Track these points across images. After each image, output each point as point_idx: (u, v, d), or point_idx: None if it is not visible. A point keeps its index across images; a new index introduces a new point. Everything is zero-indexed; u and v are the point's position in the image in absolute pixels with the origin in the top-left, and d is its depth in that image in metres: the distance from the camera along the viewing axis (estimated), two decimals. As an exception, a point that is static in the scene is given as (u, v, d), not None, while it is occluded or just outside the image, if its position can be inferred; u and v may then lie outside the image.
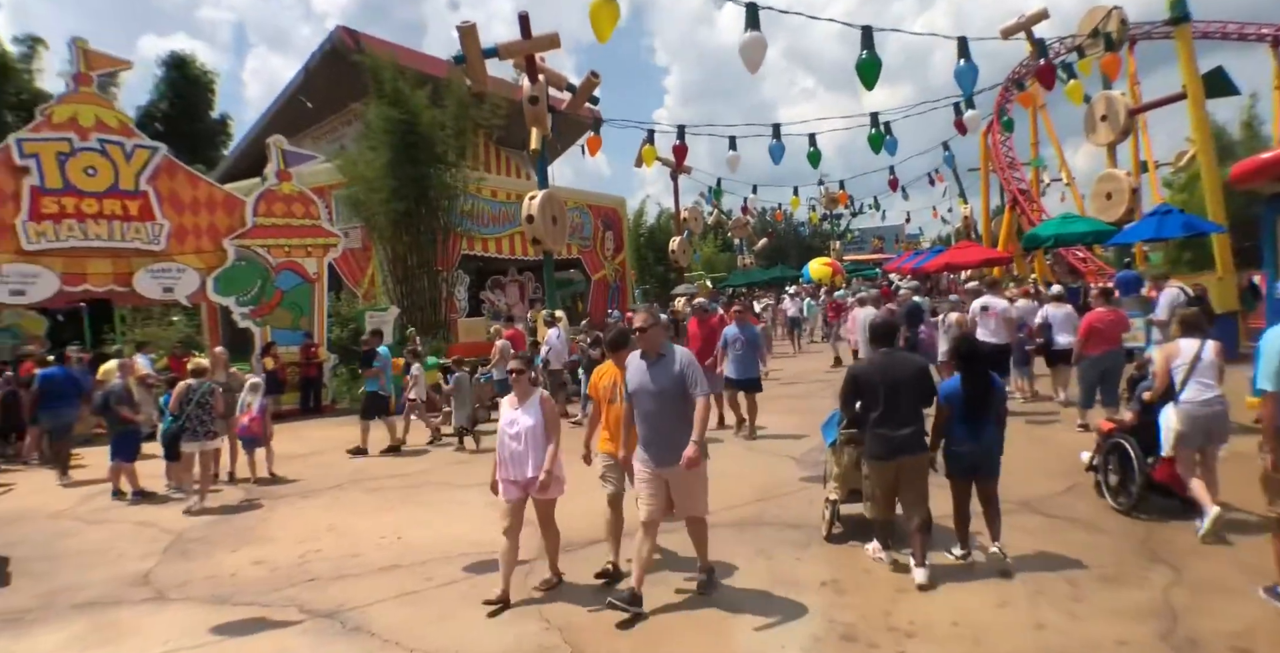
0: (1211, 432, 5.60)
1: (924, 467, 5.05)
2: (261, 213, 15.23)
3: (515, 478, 4.96)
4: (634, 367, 4.85)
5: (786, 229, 56.13)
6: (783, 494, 7.25)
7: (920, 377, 5.07)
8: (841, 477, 5.66)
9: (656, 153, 15.31)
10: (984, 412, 5.03)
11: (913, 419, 4.96)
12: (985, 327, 10.17)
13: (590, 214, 28.09)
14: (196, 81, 36.89)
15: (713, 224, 39.07)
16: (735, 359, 9.74)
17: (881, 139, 13.66)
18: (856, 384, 5.12)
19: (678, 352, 4.78)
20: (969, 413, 5.02)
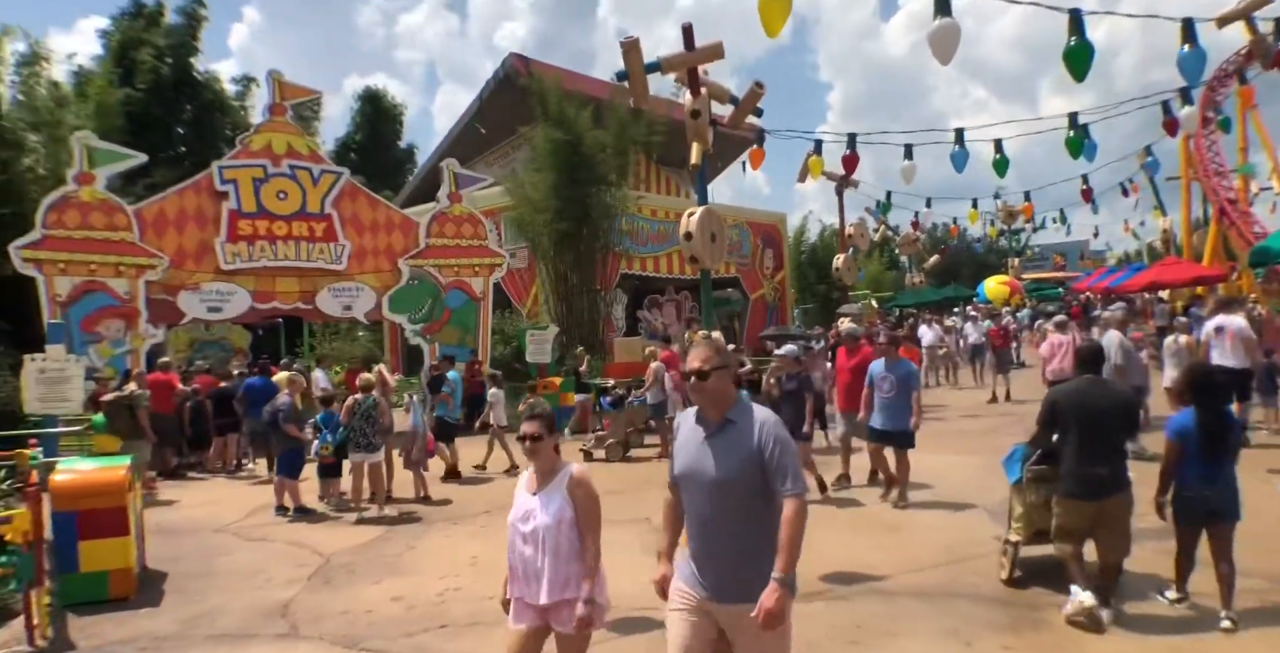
0: None
1: (1126, 508, 4.71)
2: (434, 234, 15.73)
3: (529, 599, 3.36)
4: (685, 434, 3.07)
5: (960, 246, 52.99)
6: (977, 556, 6.25)
7: (1125, 409, 4.73)
8: (1025, 517, 5.31)
9: (823, 165, 14.46)
10: (1221, 450, 4.59)
11: (1115, 456, 4.64)
12: (1220, 349, 9.40)
13: (749, 231, 27.49)
14: (387, 114, 39.48)
15: (879, 241, 37.30)
16: (882, 405, 8.00)
17: (1081, 143, 12.17)
18: (1055, 411, 4.79)
19: (757, 417, 2.93)
20: (1205, 452, 4.55)
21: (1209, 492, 4.54)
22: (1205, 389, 4.72)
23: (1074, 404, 4.73)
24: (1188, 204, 28.55)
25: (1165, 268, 17.56)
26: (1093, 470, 4.61)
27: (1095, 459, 4.62)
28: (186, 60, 31.19)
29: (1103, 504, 4.64)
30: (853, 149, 13.75)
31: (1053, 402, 4.87)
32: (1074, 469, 4.68)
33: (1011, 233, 42.68)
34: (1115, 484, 4.65)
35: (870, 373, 8.19)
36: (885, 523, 7.44)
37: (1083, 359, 5.02)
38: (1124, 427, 4.78)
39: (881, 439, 8.14)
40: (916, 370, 8.49)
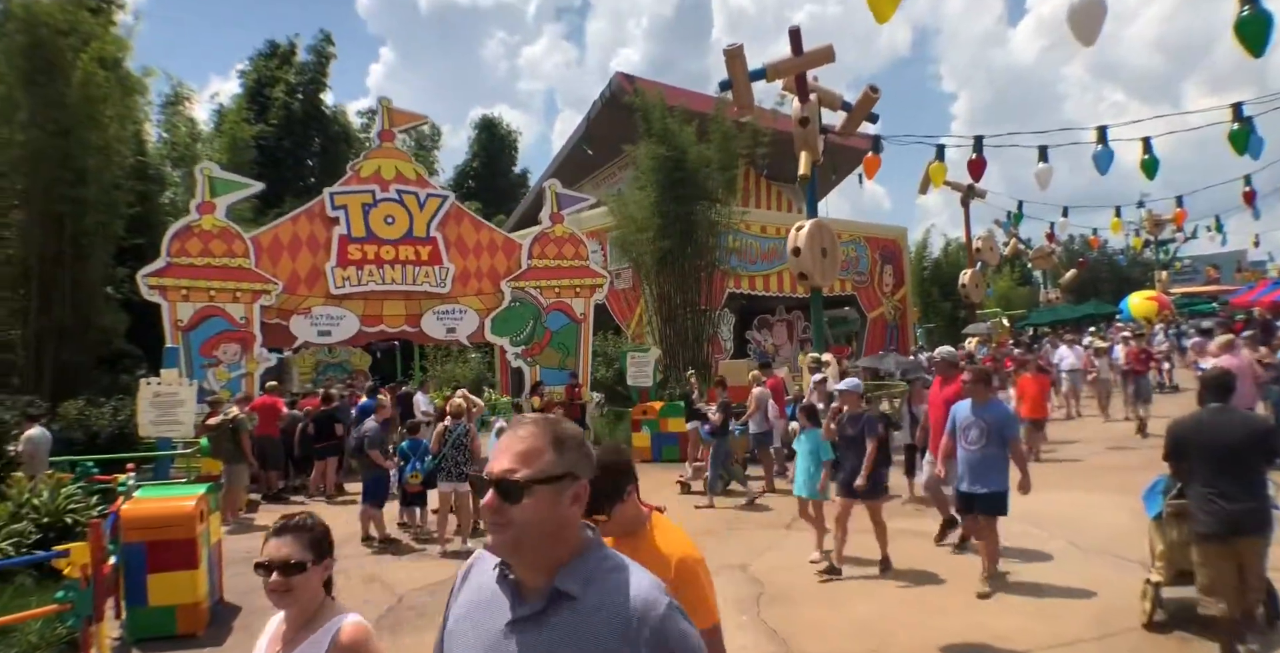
0: None
1: (1264, 548, 4.27)
2: (535, 255, 15.58)
3: None
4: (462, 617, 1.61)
5: (1100, 259, 49.34)
6: (1136, 626, 5.18)
7: (1261, 438, 4.30)
8: (1166, 555, 5.02)
9: (946, 172, 13.40)
10: None
11: (1251, 490, 4.21)
12: None
13: (867, 247, 26.26)
14: (502, 140, 40.49)
15: (1009, 254, 35.05)
16: (966, 459, 6.17)
17: (1246, 137, 10.69)
18: (1176, 445, 4.51)
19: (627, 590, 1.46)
20: None
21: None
22: None
23: (1200, 435, 4.39)
24: (1374, 207, 25.36)
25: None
26: (1228, 506, 4.20)
27: (1230, 494, 4.21)
28: (316, 96, 32.84)
29: (1239, 545, 4.24)
30: (979, 153, 12.69)
31: (1172, 436, 4.59)
32: (1204, 505, 4.30)
33: (1158, 244, 39.29)
34: (1254, 523, 4.22)
35: (952, 416, 6.38)
36: (1018, 580, 6.44)
37: (1210, 386, 4.64)
38: (1264, 455, 4.32)
39: (967, 504, 6.28)
40: (1013, 415, 6.56)
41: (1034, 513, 7.86)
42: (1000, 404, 6.46)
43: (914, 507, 9.22)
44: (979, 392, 6.23)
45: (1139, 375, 13.89)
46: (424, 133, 36.64)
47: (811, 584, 6.59)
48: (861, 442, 6.72)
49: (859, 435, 6.76)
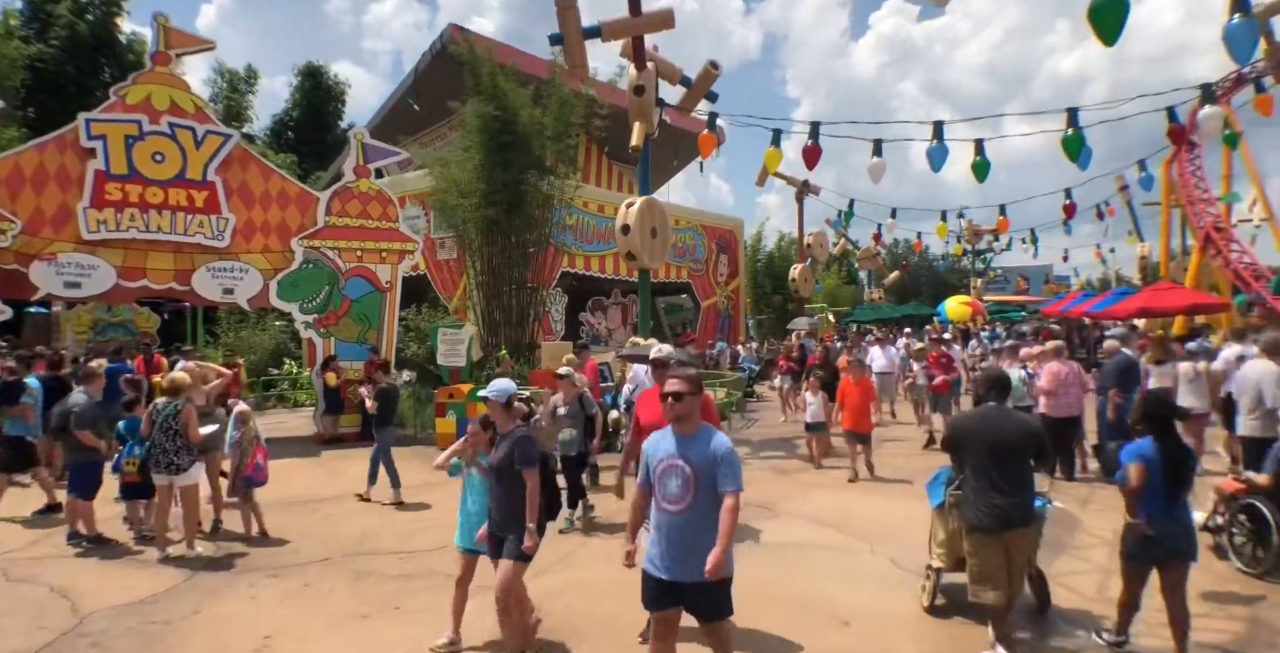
0: None
1: (1029, 542, 4.61)
2: (335, 212, 13.77)
3: None
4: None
5: (921, 263, 52.14)
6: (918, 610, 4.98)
7: (1033, 438, 4.49)
8: (947, 543, 5.15)
9: (781, 157, 12.84)
10: (1184, 483, 4.41)
11: (1021, 486, 4.43)
12: None
13: (704, 235, 25.94)
14: (328, 92, 37.21)
15: (838, 253, 36.09)
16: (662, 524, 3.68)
17: (1080, 144, 10.77)
18: (956, 440, 4.67)
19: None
20: (1168, 485, 4.33)
21: (1171, 528, 4.32)
22: (1164, 420, 4.45)
23: (979, 432, 4.53)
24: (1167, 231, 27.74)
25: (1158, 294, 16.05)
26: (1000, 502, 4.38)
27: (1003, 490, 4.39)
28: (111, 19, 28.70)
29: (1009, 539, 4.41)
30: (815, 140, 12.19)
31: (951, 433, 4.76)
32: (979, 500, 4.45)
33: (975, 253, 41.84)
34: (1022, 517, 4.43)
35: (646, 454, 3.82)
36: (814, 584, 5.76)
37: (989, 386, 4.71)
38: (1035, 455, 4.53)
39: (664, 600, 3.65)
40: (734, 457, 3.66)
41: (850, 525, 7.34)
42: (717, 437, 3.68)
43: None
44: (685, 412, 3.64)
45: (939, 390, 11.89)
46: (239, 74, 32.95)
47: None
48: (509, 474, 4.42)
49: (506, 463, 4.41)
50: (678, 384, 3.62)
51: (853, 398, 9.75)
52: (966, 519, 4.55)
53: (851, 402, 9.73)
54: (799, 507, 8.31)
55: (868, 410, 9.85)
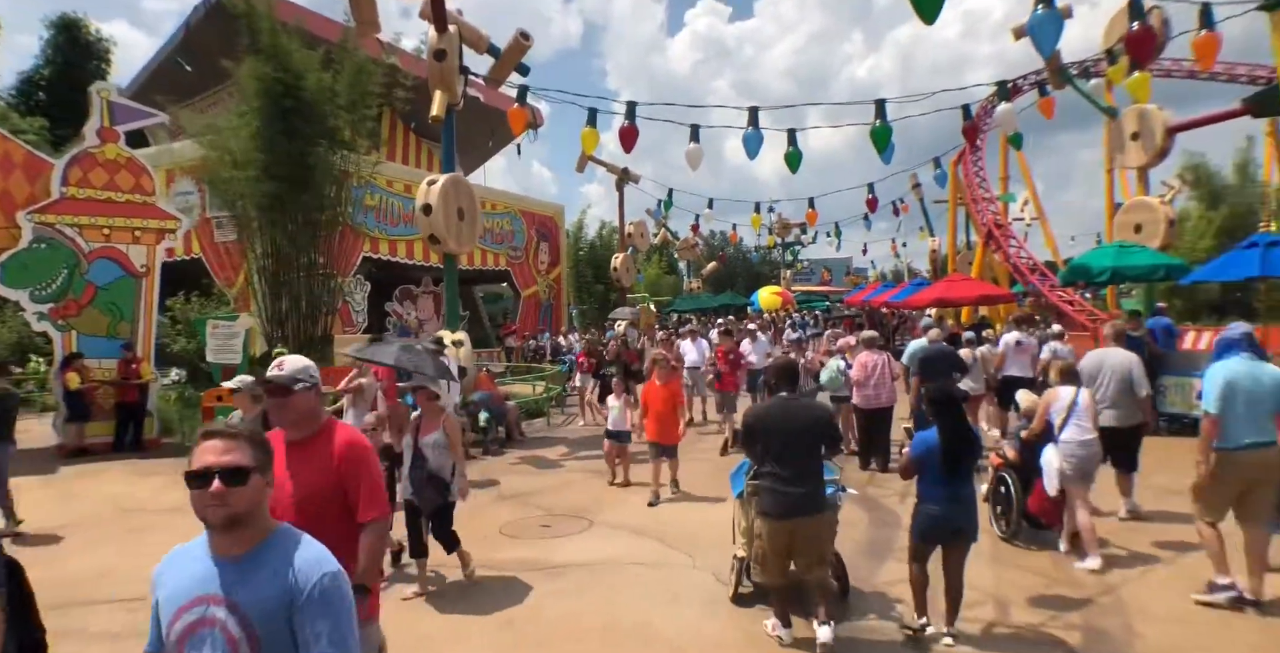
0: (1087, 471, 6.00)
1: (824, 528, 4.64)
2: (74, 182, 11.59)
3: None
4: None
5: (736, 254, 53.57)
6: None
7: (823, 426, 4.64)
8: (750, 531, 5.07)
9: (598, 139, 12.06)
10: (966, 466, 4.56)
11: (810, 475, 4.53)
12: (1019, 363, 10.37)
13: (523, 221, 24.87)
14: (88, 49, 32.55)
15: (659, 243, 36.15)
16: None
17: (888, 136, 10.78)
18: (751, 429, 4.69)
19: None
20: (949, 468, 4.50)
21: (952, 508, 4.47)
22: (945, 403, 4.56)
23: (771, 422, 4.59)
24: (954, 227, 29.68)
25: (952, 285, 17.01)
26: (789, 489, 4.45)
27: (792, 478, 4.46)
28: None
29: (796, 524, 4.47)
30: (631, 121, 11.52)
31: (748, 423, 4.71)
32: (769, 487, 4.53)
33: (785, 245, 43.40)
34: (811, 505, 4.50)
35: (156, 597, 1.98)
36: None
37: (778, 376, 4.83)
38: (824, 443, 4.65)
39: None
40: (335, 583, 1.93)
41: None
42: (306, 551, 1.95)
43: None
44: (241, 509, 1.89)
45: (724, 388, 11.06)
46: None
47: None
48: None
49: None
50: (227, 454, 1.90)
51: (657, 403, 8.11)
52: (759, 505, 4.64)
53: (656, 408, 8.09)
54: (616, 515, 7.61)
55: (674, 418, 8.12)
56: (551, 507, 7.99)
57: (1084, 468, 5.94)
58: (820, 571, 4.62)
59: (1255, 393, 4.89)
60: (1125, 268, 11.25)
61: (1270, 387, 4.92)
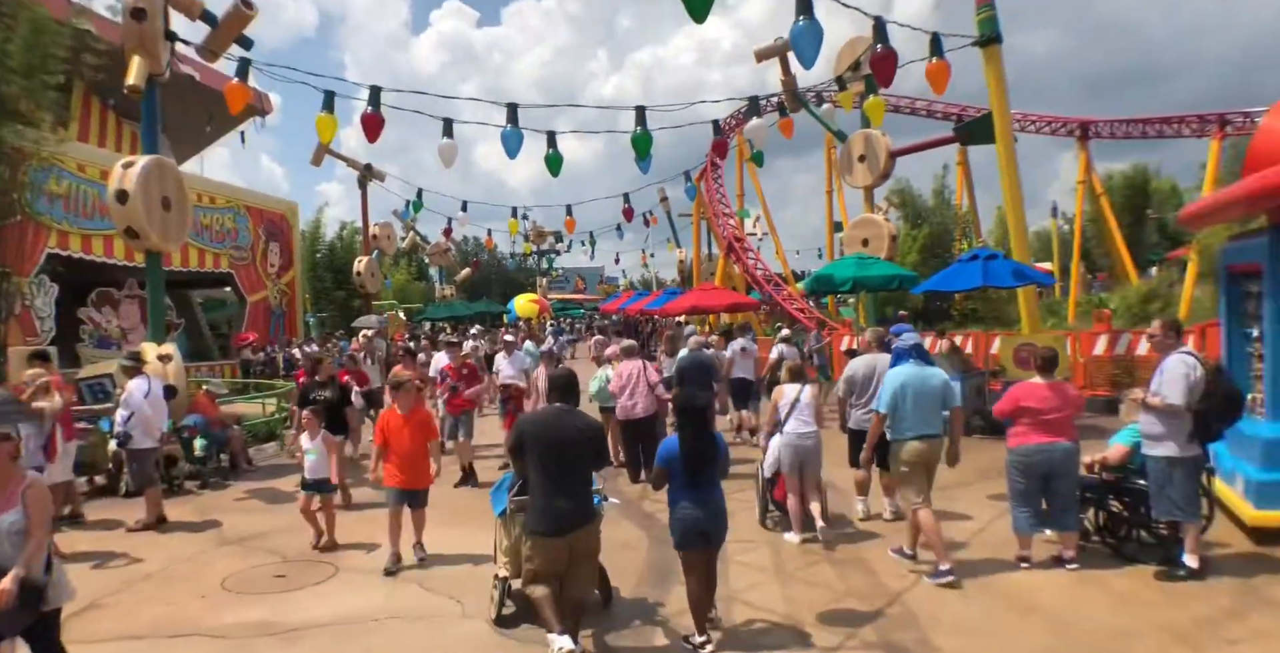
0: (806, 461, 6.50)
1: (595, 539, 4.61)
2: None
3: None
4: None
5: (491, 261, 52.56)
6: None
7: (592, 439, 4.54)
8: (513, 550, 4.99)
9: (336, 126, 10.73)
10: (711, 470, 4.56)
11: (581, 487, 4.49)
12: (745, 366, 11.17)
13: (249, 218, 22.30)
14: None
15: (408, 248, 34.41)
16: None
17: (648, 143, 10.69)
18: (519, 441, 4.52)
19: None
20: (693, 474, 4.49)
21: (700, 513, 4.46)
22: (688, 410, 4.57)
23: (541, 433, 4.48)
24: (698, 240, 31.05)
25: (705, 294, 17.64)
26: (561, 505, 4.37)
27: (564, 493, 4.39)
28: None
29: (570, 540, 4.39)
30: (376, 107, 10.43)
31: (519, 432, 4.57)
32: (539, 503, 4.42)
33: (540, 253, 43.25)
34: (583, 519, 4.47)
35: None
36: None
37: (555, 387, 4.73)
38: (595, 456, 4.60)
39: None
40: None
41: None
42: None
43: None
44: None
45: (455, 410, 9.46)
46: None
47: None
48: None
49: None
50: None
51: (398, 439, 6.17)
52: (528, 523, 4.51)
53: (397, 445, 6.17)
54: (369, 557, 6.52)
55: (423, 457, 6.28)
56: (287, 551, 6.79)
57: (800, 458, 6.45)
58: (592, 585, 4.60)
59: (923, 393, 5.61)
60: (865, 278, 12.08)
61: (936, 388, 5.65)
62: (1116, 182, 36.88)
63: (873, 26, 9.14)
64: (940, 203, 31.13)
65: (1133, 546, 5.64)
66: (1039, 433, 5.49)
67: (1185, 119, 25.81)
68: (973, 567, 5.73)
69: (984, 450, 9.55)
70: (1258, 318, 6.19)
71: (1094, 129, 27.79)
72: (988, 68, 12.11)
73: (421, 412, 6.51)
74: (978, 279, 10.46)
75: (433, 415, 6.98)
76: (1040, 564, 5.61)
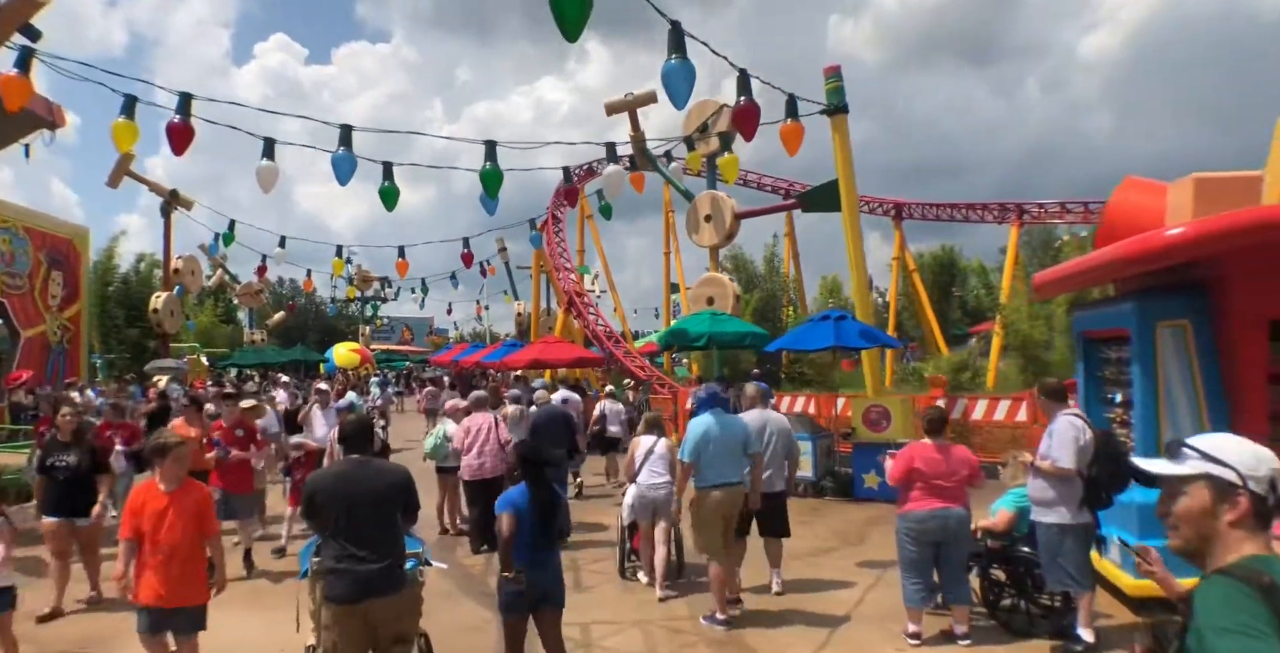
0: (656, 509, 6.59)
1: (405, 609, 3.99)
2: None
3: None
4: None
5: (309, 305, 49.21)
6: None
7: (398, 490, 3.99)
8: (319, 616, 4.21)
9: (138, 133, 9.22)
10: (554, 529, 4.32)
11: (386, 549, 3.86)
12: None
13: (28, 241, 19.45)
14: None
15: (215, 286, 31.46)
16: None
17: (499, 178, 9.98)
18: (312, 499, 3.89)
19: None
20: (538, 531, 4.21)
21: (539, 574, 4.20)
22: (535, 465, 4.35)
23: (336, 487, 3.90)
24: (538, 292, 30.38)
25: (548, 347, 16.84)
26: (360, 567, 3.79)
27: (364, 553, 3.79)
28: None
29: (370, 607, 3.80)
30: (185, 119, 9.08)
31: (310, 490, 3.94)
32: (336, 566, 3.81)
33: (365, 299, 40.88)
34: (388, 583, 3.87)
35: None
36: None
37: (346, 436, 4.16)
38: (404, 510, 4.07)
39: None
40: None
41: None
42: None
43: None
44: None
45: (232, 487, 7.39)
46: None
47: None
48: None
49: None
50: None
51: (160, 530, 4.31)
52: (324, 589, 3.94)
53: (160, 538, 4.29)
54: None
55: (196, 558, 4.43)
56: (46, 641, 5.34)
57: (650, 507, 6.58)
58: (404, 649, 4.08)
59: (724, 442, 5.73)
60: (720, 334, 11.88)
61: (736, 436, 5.80)
62: (927, 260, 39.97)
63: (737, 79, 9.07)
64: (770, 270, 32.38)
65: (1022, 618, 5.41)
66: (932, 498, 5.20)
67: (988, 206, 28.30)
68: (858, 644, 5.33)
69: (837, 513, 9.40)
70: (1119, 383, 6.33)
71: (908, 210, 29.97)
72: (835, 136, 12.50)
73: (196, 491, 4.53)
74: (830, 339, 10.48)
75: (210, 497, 4.77)
76: (931, 640, 5.28)
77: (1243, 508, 1.62)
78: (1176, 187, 6.10)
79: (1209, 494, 1.65)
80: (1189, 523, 1.68)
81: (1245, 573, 1.53)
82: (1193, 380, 5.58)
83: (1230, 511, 1.63)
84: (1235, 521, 1.62)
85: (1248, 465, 1.65)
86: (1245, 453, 1.68)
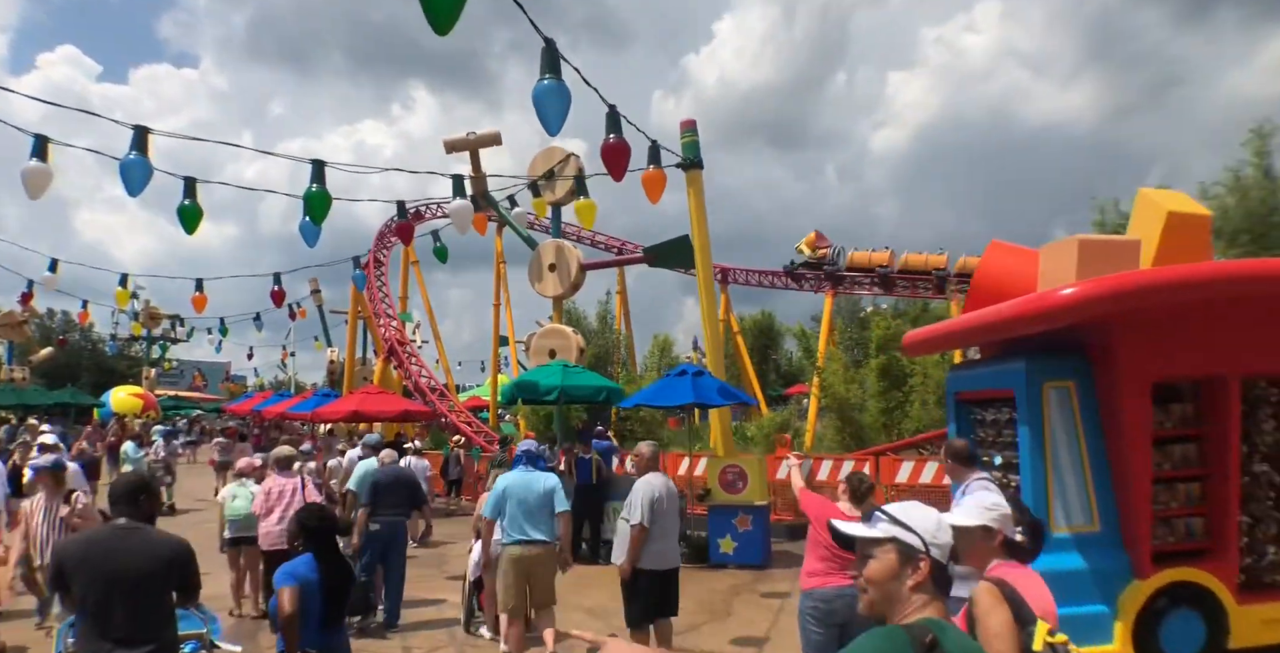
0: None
1: None
2: None
3: None
4: None
5: (83, 342, 43.48)
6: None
7: (168, 565, 3.45)
8: None
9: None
10: (345, 605, 4.05)
11: (149, 632, 3.34)
12: None
13: None
14: None
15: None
16: None
17: (326, 203, 8.82)
18: (59, 571, 3.42)
19: None
20: (328, 609, 3.85)
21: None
22: (325, 534, 3.98)
23: (90, 559, 3.36)
24: (353, 339, 28.33)
25: (369, 398, 15.24)
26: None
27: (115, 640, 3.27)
28: None
29: None
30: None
31: (58, 562, 3.46)
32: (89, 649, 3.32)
33: (152, 339, 36.63)
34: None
35: None
36: None
37: (115, 497, 3.54)
38: (178, 588, 3.52)
39: None
40: None
41: None
42: None
43: None
44: None
45: None
46: None
47: None
48: None
49: None
50: None
51: None
52: None
53: None
54: None
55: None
56: None
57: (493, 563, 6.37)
58: None
59: (526, 499, 5.73)
60: (572, 388, 11.09)
61: (539, 493, 5.76)
62: (748, 324, 41.47)
63: (606, 115, 8.63)
64: (604, 326, 32.24)
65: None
66: (837, 574, 4.68)
67: (806, 276, 29.69)
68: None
69: (696, 581, 8.78)
70: (996, 444, 6.20)
71: (733, 275, 30.94)
72: (690, 190, 12.39)
73: None
74: (689, 395, 10.04)
75: None
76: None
77: (924, 572, 1.73)
78: (1051, 250, 6.17)
79: (895, 558, 1.75)
80: (876, 585, 1.77)
81: (914, 631, 1.65)
82: (1078, 442, 5.51)
83: (913, 574, 1.73)
84: (916, 585, 1.73)
85: (930, 532, 1.76)
86: (929, 520, 1.79)
